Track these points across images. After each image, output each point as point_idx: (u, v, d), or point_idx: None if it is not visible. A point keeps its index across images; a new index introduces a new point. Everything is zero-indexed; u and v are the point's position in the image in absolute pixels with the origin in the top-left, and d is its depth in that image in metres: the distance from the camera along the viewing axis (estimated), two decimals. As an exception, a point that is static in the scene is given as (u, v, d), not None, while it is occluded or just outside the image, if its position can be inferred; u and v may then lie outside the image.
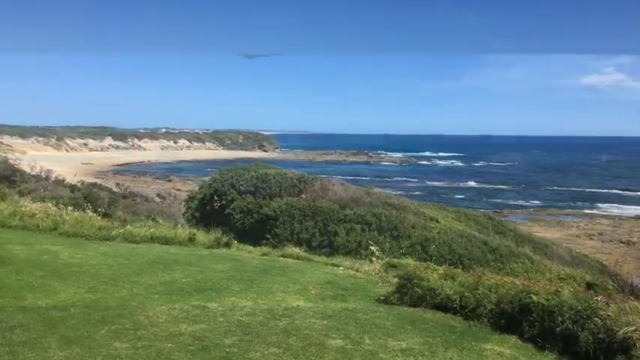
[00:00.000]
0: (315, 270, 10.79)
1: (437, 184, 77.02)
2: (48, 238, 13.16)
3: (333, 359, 5.86)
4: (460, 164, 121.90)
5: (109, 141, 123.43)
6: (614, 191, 70.20)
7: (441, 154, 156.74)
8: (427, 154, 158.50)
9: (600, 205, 56.66)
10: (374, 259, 11.60)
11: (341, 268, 11.21)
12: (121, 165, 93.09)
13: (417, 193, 60.48)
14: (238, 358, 5.80)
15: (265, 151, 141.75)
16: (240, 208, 17.51)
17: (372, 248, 12.09)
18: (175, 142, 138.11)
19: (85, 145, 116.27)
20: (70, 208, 16.23)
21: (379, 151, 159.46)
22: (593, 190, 71.16)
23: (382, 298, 8.57)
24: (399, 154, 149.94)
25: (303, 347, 6.16)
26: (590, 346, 6.10)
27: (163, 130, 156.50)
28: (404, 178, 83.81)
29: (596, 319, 6.28)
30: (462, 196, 62.00)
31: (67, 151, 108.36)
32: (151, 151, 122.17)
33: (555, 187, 73.53)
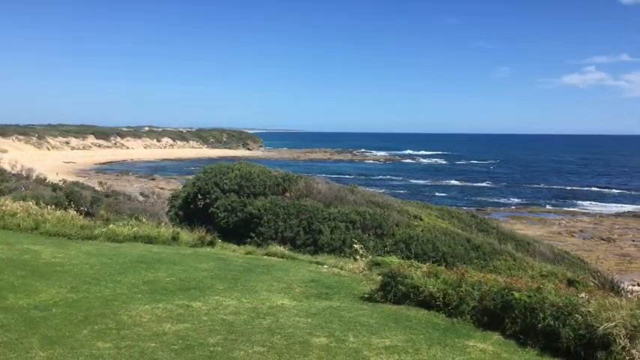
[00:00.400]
0: (299, 268, 10.80)
1: (421, 182, 77.34)
2: (29, 237, 13.02)
3: (317, 357, 5.88)
4: (443, 162, 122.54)
5: (91, 139, 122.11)
6: (594, 189, 70.99)
7: (423, 152, 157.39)
8: (409, 152, 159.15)
9: (581, 202, 57.30)
10: (358, 257, 11.63)
11: (325, 266, 11.24)
12: (104, 163, 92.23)
13: (400, 191, 60.67)
14: (222, 357, 5.79)
15: (249, 149, 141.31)
16: (224, 206, 17.45)
17: (356, 246, 12.12)
18: (159, 141, 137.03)
19: (67, 143, 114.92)
20: (51, 207, 16.06)
21: (363, 150, 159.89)
22: (574, 187, 71.90)
23: (366, 296, 8.60)
24: (383, 153, 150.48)
25: (288, 346, 6.17)
26: (571, 342, 6.18)
27: (146, 128, 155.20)
28: (388, 177, 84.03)
29: (577, 315, 6.36)
30: (445, 194, 62.33)
31: (49, 149, 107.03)
32: (134, 150, 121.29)
33: (537, 185, 74.20)
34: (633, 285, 21.72)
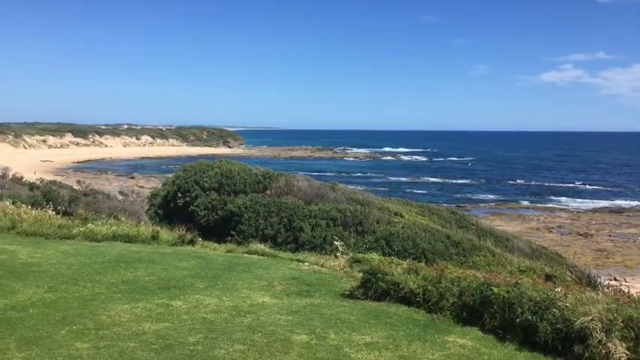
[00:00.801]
0: (280, 266, 10.79)
1: (401, 179, 77.70)
2: (5, 237, 12.84)
3: (297, 355, 5.89)
4: (422, 159, 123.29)
5: (69, 138, 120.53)
6: (571, 185, 72.00)
7: (403, 149, 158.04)
8: (389, 149, 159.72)
9: (559, 198, 58.04)
10: (339, 254, 11.67)
11: (306, 263, 11.24)
12: (82, 162, 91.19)
13: (381, 188, 60.83)
14: (203, 355, 5.77)
15: (230, 147, 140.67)
16: (204, 204, 17.34)
17: (337, 244, 12.15)
18: (138, 139, 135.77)
19: (44, 142, 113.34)
20: (28, 206, 15.84)
21: (344, 147, 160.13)
22: (552, 184, 72.80)
23: (347, 293, 8.63)
24: (364, 150, 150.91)
25: (268, 343, 6.17)
26: (549, 336, 6.26)
27: (125, 126, 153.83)
28: (368, 174, 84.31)
29: (554, 309, 6.45)
30: (425, 191, 62.67)
31: (26, 148, 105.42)
32: (113, 148, 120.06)
33: (515, 182, 74.99)
34: (610, 279, 22.07)
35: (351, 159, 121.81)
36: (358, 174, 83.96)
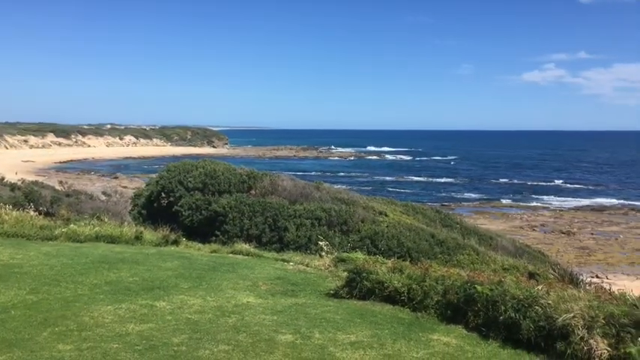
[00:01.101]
0: (265, 266, 10.77)
1: (386, 178, 77.95)
2: (-14, 238, 12.66)
3: (282, 354, 5.88)
4: (407, 159, 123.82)
5: (51, 138, 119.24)
6: (554, 183, 72.76)
7: (387, 148, 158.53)
8: (374, 149, 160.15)
9: (542, 197, 58.61)
10: (324, 253, 11.67)
11: (291, 263, 11.22)
12: (64, 162, 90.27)
13: (366, 187, 60.97)
14: (187, 356, 5.74)
15: (214, 147, 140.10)
16: (188, 205, 17.26)
17: (322, 243, 12.16)
18: (121, 139, 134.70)
19: (26, 142, 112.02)
20: (9, 207, 15.63)
21: (329, 147, 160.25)
22: (535, 182, 73.53)
23: (332, 292, 8.63)
24: (349, 150, 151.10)
25: (253, 343, 6.15)
26: (532, 333, 6.32)
27: (108, 126, 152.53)
28: (353, 173, 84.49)
29: (537, 307, 6.51)
30: (410, 191, 62.94)
31: (7, 148, 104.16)
32: (96, 148, 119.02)
33: (498, 181, 75.57)
34: (592, 277, 22.31)
35: (336, 158, 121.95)
36: (343, 173, 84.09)
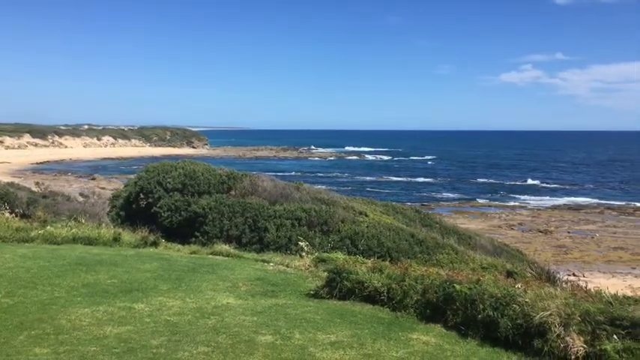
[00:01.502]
0: (245, 267, 10.73)
1: (366, 178, 78.22)
2: (-40, 241, 12.44)
3: (262, 355, 5.86)
4: (386, 159, 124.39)
5: (27, 138, 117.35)
6: (530, 183, 73.68)
7: (367, 148, 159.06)
8: (354, 149, 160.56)
9: (519, 196, 59.30)
10: (304, 254, 11.66)
11: (271, 264, 11.20)
12: (41, 163, 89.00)
13: (346, 187, 61.11)
14: (166, 358, 5.70)
15: (194, 147, 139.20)
16: (167, 206, 17.12)
17: (302, 244, 12.15)
18: (99, 139, 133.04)
19: (1, 142, 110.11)
20: (-16, 209, 15.38)
21: (309, 147, 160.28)
22: (513, 182, 74.38)
23: (312, 292, 8.63)
24: (329, 150, 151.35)
25: (233, 345, 6.13)
26: (510, 331, 6.39)
27: (86, 126, 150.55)
28: (333, 174, 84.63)
29: (514, 305, 6.58)
30: (390, 190, 63.25)
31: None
32: (73, 149, 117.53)
33: (477, 180, 76.28)
34: (568, 275, 22.66)
35: (316, 158, 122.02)
36: (322, 174, 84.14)
